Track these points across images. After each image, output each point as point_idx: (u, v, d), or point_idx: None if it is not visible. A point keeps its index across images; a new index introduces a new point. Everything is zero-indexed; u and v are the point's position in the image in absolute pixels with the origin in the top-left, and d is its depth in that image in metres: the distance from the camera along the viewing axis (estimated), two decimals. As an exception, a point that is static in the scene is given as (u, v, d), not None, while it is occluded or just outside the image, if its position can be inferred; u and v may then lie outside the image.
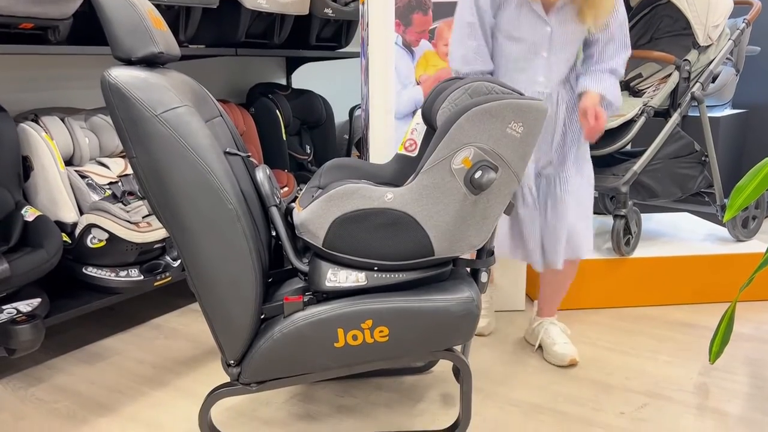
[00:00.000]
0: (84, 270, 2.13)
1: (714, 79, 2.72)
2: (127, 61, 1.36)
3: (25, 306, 1.90)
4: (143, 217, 2.20)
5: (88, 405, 1.83)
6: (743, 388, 1.90)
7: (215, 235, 1.34)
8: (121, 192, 2.26)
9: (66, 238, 2.09)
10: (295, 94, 3.28)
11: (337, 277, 1.45)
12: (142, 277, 2.20)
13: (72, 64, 2.52)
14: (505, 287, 2.50)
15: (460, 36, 1.88)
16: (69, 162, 2.23)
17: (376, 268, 1.45)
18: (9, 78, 2.32)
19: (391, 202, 1.40)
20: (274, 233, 1.65)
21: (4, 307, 1.85)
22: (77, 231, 2.09)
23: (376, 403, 1.83)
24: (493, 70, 1.91)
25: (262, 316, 1.47)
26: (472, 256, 1.71)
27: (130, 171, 2.33)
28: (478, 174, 1.37)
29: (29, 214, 1.97)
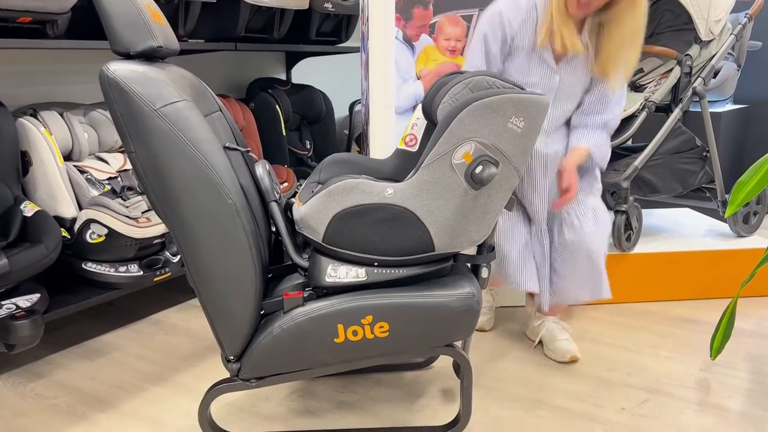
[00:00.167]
0: (83, 265, 2.12)
1: (715, 75, 2.70)
2: (126, 56, 1.35)
3: (25, 301, 1.89)
4: (143, 212, 2.19)
5: (87, 401, 1.83)
6: (744, 384, 1.90)
7: (215, 230, 1.34)
8: (121, 187, 2.25)
9: (65, 233, 2.09)
10: (294, 89, 3.27)
11: (337, 273, 1.45)
12: (141, 272, 2.20)
13: (71, 59, 2.51)
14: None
15: None
16: (68, 157, 2.23)
17: (376, 264, 1.45)
18: (7, 73, 2.31)
19: (391, 198, 1.39)
20: (273, 229, 1.65)
21: (3, 303, 1.85)
22: (76, 226, 2.09)
23: (377, 398, 1.82)
24: None
25: (262, 312, 1.47)
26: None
27: (130, 166, 2.33)
28: (478, 169, 1.37)
29: (28, 210, 1.97)
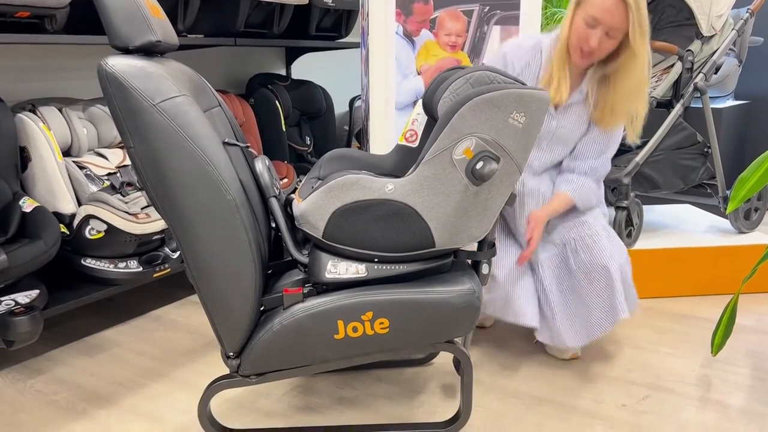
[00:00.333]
0: (83, 261, 2.12)
1: (717, 70, 2.69)
2: (125, 50, 1.34)
3: (24, 297, 1.89)
4: (142, 208, 2.19)
5: (87, 397, 1.83)
6: (745, 381, 1.89)
7: (214, 226, 1.33)
8: (120, 183, 2.25)
9: (64, 229, 2.08)
10: (294, 85, 3.26)
11: (337, 269, 1.44)
12: (141, 268, 2.19)
13: (69, 54, 2.50)
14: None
15: None
16: (67, 153, 2.22)
17: (376, 260, 1.44)
18: (5, 68, 2.30)
19: (391, 193, 1.38)
20: (273, 225, 1.64)
21: (2, 299, 1.85)
22: (75, 222, 2.08)
23: (377, 395, 1.82)
24: None
25: (262, 308, 1.46)
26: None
27: (129, 162, 2.32)
28: (479, 165, 1.36)
29: (27, 205, 1.96)
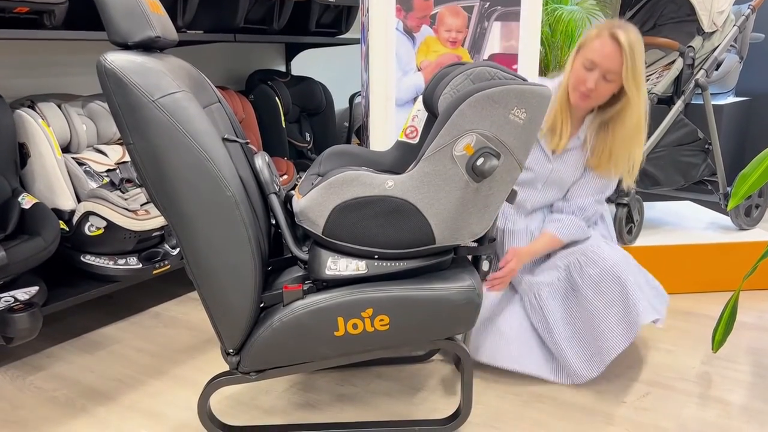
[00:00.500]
0: (82, 258, 2.11)
1: (718, 67, 2.69)
2: (124, 46, 1.34)
3: (23, 294, 1.89)
4: (141, 204, 2.18)
5: (86, 393, 1.82)
6: (746, 378, 1.89)
7: (213, 222, 1.33)
8: (119, 179, 2.24)
9: (64, 225, 2.08)
10: (294, 81, 3.26)
11: (337, 266, 1.44)
12: (140, 265, 2.19)
13: (68, 50, 2.49)
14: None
15: None
16: (66, 149, 2.21)
17: (376, 257, 1.44)
18: (4, 64, 2.29)
19: (391, 190, 1.38)
20: (273, 221, 1.64)
21: (1, 296, 1.84)
22: (75, 219, 2.08)
23: (377, 391, 1.82)
24: None
25: (262, 305, 1.46)
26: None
27: (128, 158, 2.31)
28: (480, 161, 1.35)
29: (26, 202, 1.95)
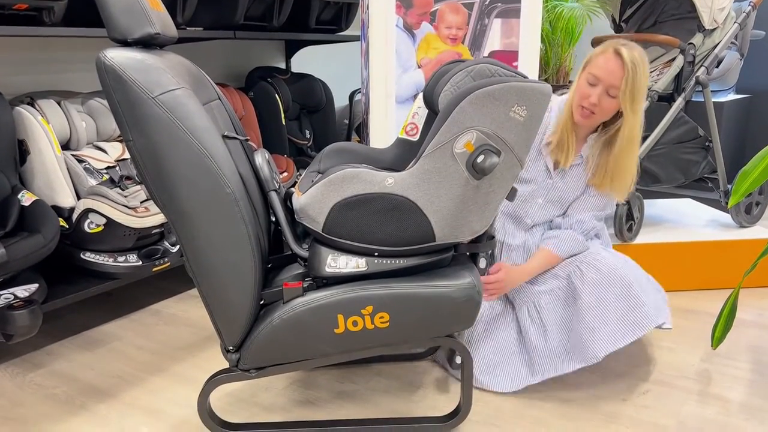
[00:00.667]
0: (82, 255, 2.11)
1: (718, 64, 2.68)
2: (123, 43, 1.33)
3: (23, 291, 1.88)
4: (141, 202, 2.18)
5: (86, 391, 1.82)
6: (745, 375, 1.89)
7: (213, 220, 1.32)
8: (119, 176, 2.24)
9: (63, 223, 2.08)
10: (294, 78, 3.25)
11: (337, 263, 1.44)
12: (140, 262, 2.19)
13: (68, 46, 2.49)
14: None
15: None
16: (66, 146, 2.21)
17: (376, 254, 1.44)
18: (3, 60, 2.29)
19: (391, 187, 1.37)
20: (273, 218, 1.63)
21: (1, 293, 1.84)
22: (75, 216, 2.07)
23: (377, 389, 1.82)
24: None
25: (262, 302, 1.46)
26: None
27: (128, 155, 2.31)
28: (480, 158, 1.35)
29: (26, 199, 1.95)
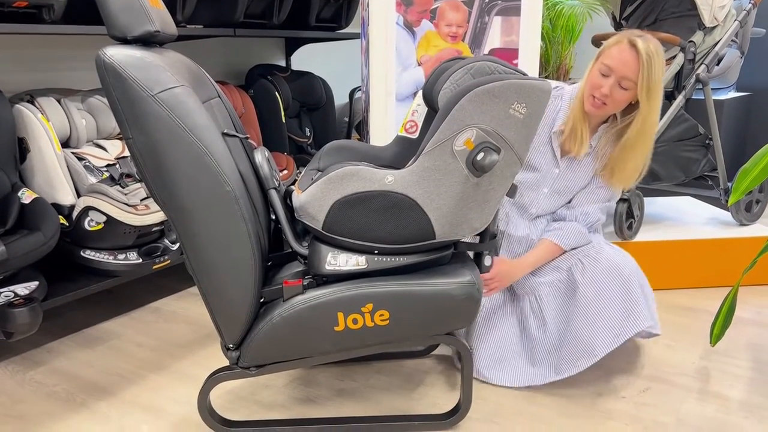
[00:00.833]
0: (82, 253, 2.11)
1: (719, 62, 2.68)
2: (123, 40, 1.33)
3: (23, 289, 1.88)
4: (141, 199, 2.18)
5: (86, 388, 1.82)
6: (745, 373, 1.89)
7: (213, 217, 1.32)
8: (119, 174, 2.24)
9: (63, 220, 2.08)
10: (294, 76, 3.25)
11: (337, 261, 1.44)
12: (140, 260, 2.19)
13: (67, 44, 2.49)
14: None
15: None
16: (66, 144, 2.21)
17: (376, 252, 1.44)
18: (3, 58, 2.29)
19: (391, 185, 1.37)
20: (273, 216, 1.63)
21: (1, 290, 1.84)
22: (75, 214, 2.07)
23: (377, 386, 1.82)
24: None
25: (262, 300, 1.46)
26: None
27: (128, 153, 2.31)
28: (480, 156, 1.35)
29: (26, 197, 1.95)
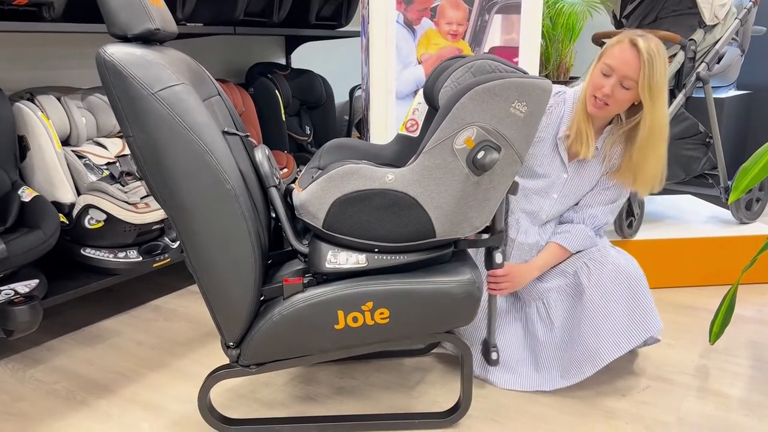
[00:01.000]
0: (82, 251, 2.11)
1: (719, 60, 2.68)
2: (123, 38, 1.33)
3: (23, 287, 1.88)
4: (141, 197, 2.18)
5: (87, 386, 1.83)
6: (745, 371, 1.89)
7: (213, 215, 1.32)
8: (119, 172, 2.24)
9: (63, 218, 2.08)
10: (294, 74, 3.25)
11: (337, 259, 1.44)
12: (140, 258, 2.19)
13: (67, 42, 2.49)
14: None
15: None
16: (66, 142, 2.21)
17: (376, 250, 1.44)
18: (3, 56, 2.29)
19: (392, 183, 1.37)
20: (273, 214, 1.63)
21: (1, 288, 1.84)
22: (75, 212, 2.07)
23: (376, 385, 1.82)
24: None
25: (262, 298, 1.46)
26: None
27: (128, 151, 2.31)
28: (480, 154, 1.35)
29: (26, 195, 1.95)
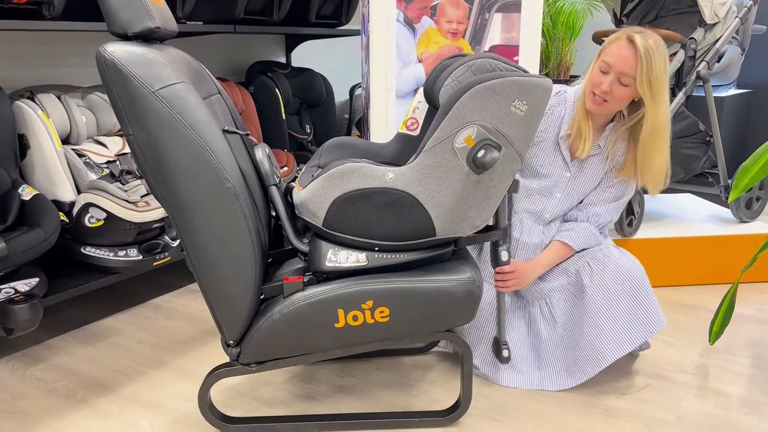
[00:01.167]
0: (82, 249, 2.11)
1: (719, 59, 2.68)
2: (123, 37, 1.33)
3: (23, 285, 1.89)
4: (141, 196, 2.18)
5: (87, 385, 1.83)
6: (745, 370, 1.90)
7: (213, 214, 1.32)
8: (119, 171, 2.24)
9: (64, 217, 2.08)
10: (294, 73, 3.24)
11: (337, 258, 1.44)
12: (140, 256, 2.19)
13: (68, 41, 2.48)
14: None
15: None
16: (66, 140, 2.21)
17: (376, 249, 1.44)
18: (3, 55, 2.28)
19: (392, 182, 1.38)
20: (273, 213, 1.63)
21: (1, 287, 1.84)
22: (75, 210, 2.07)
23: (377, 383, 1.82)
24: None
25: (262, 297, 1.46)
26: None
27: (128, 150, 2.31)
28: (481, 153, 1.35)
29: (26, 193, 1.95)
